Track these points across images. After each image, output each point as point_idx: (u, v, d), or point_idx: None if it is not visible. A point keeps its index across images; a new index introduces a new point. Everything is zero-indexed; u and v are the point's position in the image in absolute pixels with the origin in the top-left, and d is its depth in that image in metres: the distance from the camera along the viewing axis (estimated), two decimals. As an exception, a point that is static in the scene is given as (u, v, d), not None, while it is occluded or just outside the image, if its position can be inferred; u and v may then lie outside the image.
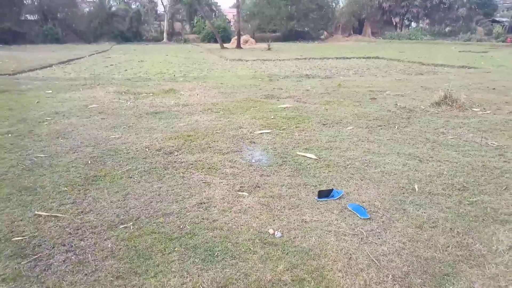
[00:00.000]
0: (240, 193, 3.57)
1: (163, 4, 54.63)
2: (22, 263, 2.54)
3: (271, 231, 2.85)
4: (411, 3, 54.45)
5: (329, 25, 54.43)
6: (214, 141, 5.20)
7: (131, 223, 3.02)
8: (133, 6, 53.85)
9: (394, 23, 58.22)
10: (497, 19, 53.24)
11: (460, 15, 53.35)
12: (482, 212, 3.17)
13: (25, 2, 46.69)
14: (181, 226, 2.96)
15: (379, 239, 2.75)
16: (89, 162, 4.43)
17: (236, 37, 35.80)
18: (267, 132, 5.66)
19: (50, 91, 9.33)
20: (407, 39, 47.80)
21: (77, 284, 2.32)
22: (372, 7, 54.39)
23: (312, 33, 52.01)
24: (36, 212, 3.20)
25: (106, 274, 2.40)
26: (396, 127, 6.01)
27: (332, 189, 3.49)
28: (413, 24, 61.26)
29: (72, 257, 2.59)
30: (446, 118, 6.62)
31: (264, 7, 49.30)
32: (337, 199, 3.39)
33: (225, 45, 34.78)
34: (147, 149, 4.88)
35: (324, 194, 3.41)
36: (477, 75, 12.92)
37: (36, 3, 46.62)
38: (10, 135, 5.53)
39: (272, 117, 6.62)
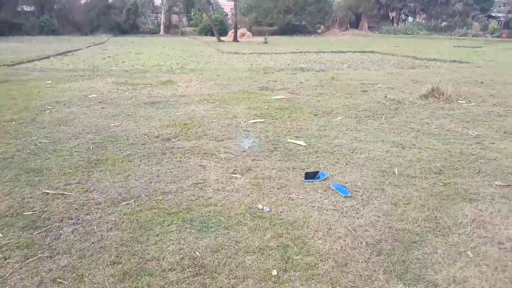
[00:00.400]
0: (233, 175, 3.86)
1: (160, -3, 54.45)
2: (34, 233, 2.81)
3: (260, 206, 3.14)
4: (408, -2, 54.64)
5: (326, 19, 54.54)
6: (209, 129, 5.48)
7: (132, 200, 3.30)
8: (130, -2, 53.70)
9: (391, 18, 58.41)
10: (493, 14, 53.56)
11: (456, 10, 53.58)
12: (454, 192, 3.48)
13: (21, -8, 46.49)
14: (179, 203, 3.24)
15: (357, 213, 3.05)
16: (91, 147, 4.69)
17: (233, 30, 35.91)
18: (261, 121, 5.93)
19: (50, 82, 9.55)
20: (403, 34, 48.02)
21: (85, 251, 2.60)
22: (369, 1, 54.50)
23: (309, 27, 52.10)
24: (44, 191, 3.47)
25: (111, 242, 2.69)
26: (384, 117, 6.30)
27: (318, 171, 3.79)
28: (410, 19, 61.48)
29: (80, 229, 2.87)
30: (432, 109, 6.92)
31: (261, 1, 49.33)
32: (322, 180, 3.68)
33: (222, 38, 34.86)
34: (146, 136, 5.15)
35: (310, 175, 3.70)
36: (467, 69, 13.23)
37: (32, -7, 46.44)
38: (14, 122, 5.78)
39: (266, 107, 6.89)
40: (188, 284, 2.23)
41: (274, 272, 2.31)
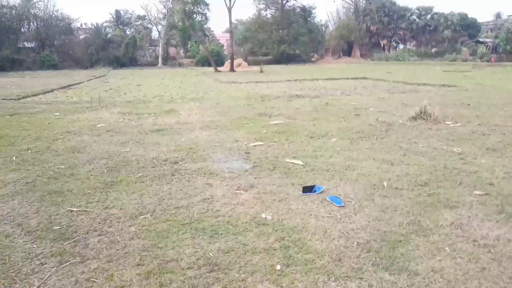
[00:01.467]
0: (238, 191, 4.26)
1: (158, 30, 56.25)
2: (64, 244, 3.18)
3: (263, 215, 3.54)
4: (397, 26, 56.63)
5: (319, 47, 56.38)
6: (213, 152, 5.90)
7: (149, 214, 3.68)
8: (128, 33, 55.44)
9: (382, 45, 60.33)
10: (481, 40, 55.39)
11: (445, 36, 55.46)
12: (436, 200, 3.88)
13: (22, 30, 47.94)
14: (190, 216, 3.63)
15: (350, 219, 3.44)
16: (105, 171, 5.09)
17: (229, 60, 37.05)
18: (260, 144, 6.37)
19: (58, 113, 10.03)
20: (394, 60, 49.46)
21: (112, 256, 2.96)
22: (360, 30, 56.49)
23: (303, 55, 53.70)
24: (68, 208, 3.85)
25: (134, 248, 3.05)
26: (375, 138, 6.75)
27: (315, 185, 4.19)
28: (401, 46, 63.42)
29: (105, 239, 3.24)
30: (420, 130, 7.39)
31: (256, 32, 51.10)
32: (318, 193, 4.08)
33: (219, 68, 35.93)
34: (155, 160, 5.56)
35: (308, 189, 4.10)
36: (455, 92, 13.85)
37: (33, 30, 47.90)
38: (30, 151, 6.18)
39: (265, 132, 7.35)
40: (204, 279, 2.60)
41: (278, 267, 2.69)
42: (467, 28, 55.53)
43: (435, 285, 2.48)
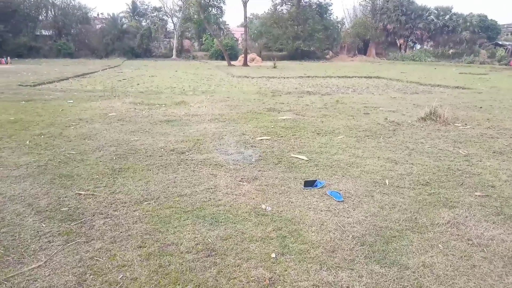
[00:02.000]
0: (241, 182, 4.36)
1: (173, 22, 56.43)
2: (71, 224, 3.32)
3: (263, 206, 3.63)
4: (415, 26, 55.84)
5: (335, 45, 55.91)
6: (220, 145, 6.01)
7: (153, 201, 3.81)
8: (144, 24, 55.78)
9: (399, 45, 59.53)
10: (500, 42, 54.31)
11: (463, 38, 54.51)
12: (436, 200, 3.92)
13: (40, 17, 48.63)
14: (193, 203, 3.74)
15: (347, 214, 3.52)
16: (114, 158, 5.24)
17: (243, 55, 37.07)
18: (267, 139, 6.45)
19: (72, 101, 10.25)
20: (411, 60, 48.84)
21: (115, 238, 3.09)
22: (376, 28, 55.87)
23: (317, 52, 53.33)
24: (76, 192, 4.00)
25: (137, 232, 3.18)
26: (382, 137, 6.78)
27: (316, 180, 4.27)
28: (418, 46, 62.54)
29: (110, 221, 3.38)
30: (428, 131, 7.38)
31: (271, 27, 50.83)
32: (319, 188, 4.16)
33: (232, 62, 36.00)
34: (162, 149, 5.69)
35: (309, 183, 4.18)
36: (468, 95, 13.71)
37: (50, 18, 48.55)
38: (43, 136, 6.37)
39: (272, 126, 7.43)
40: (202, 263, 2.71)
41: (273, 255, 2.78)
42: (486, 30, 54.44)
43: (424, 279, 2.55)
